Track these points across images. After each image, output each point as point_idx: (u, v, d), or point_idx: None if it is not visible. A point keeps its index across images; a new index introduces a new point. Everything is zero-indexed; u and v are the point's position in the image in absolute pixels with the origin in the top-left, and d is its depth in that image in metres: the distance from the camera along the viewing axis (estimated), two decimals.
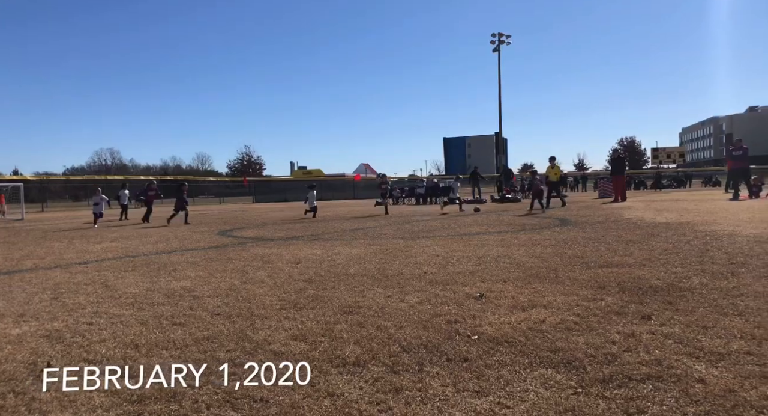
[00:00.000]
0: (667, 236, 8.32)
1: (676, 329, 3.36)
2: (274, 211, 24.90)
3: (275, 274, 6.07)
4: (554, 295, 4.46)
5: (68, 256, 8.48)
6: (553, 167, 20.18)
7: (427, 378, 2.71)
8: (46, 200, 42.63)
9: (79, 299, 4.89)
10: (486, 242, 8.43)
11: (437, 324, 3.68)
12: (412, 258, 6.97)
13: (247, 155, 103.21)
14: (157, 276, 6.12)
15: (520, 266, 6.03)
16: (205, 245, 9.72)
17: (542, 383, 2.59)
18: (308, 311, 4.24)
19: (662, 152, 77.38)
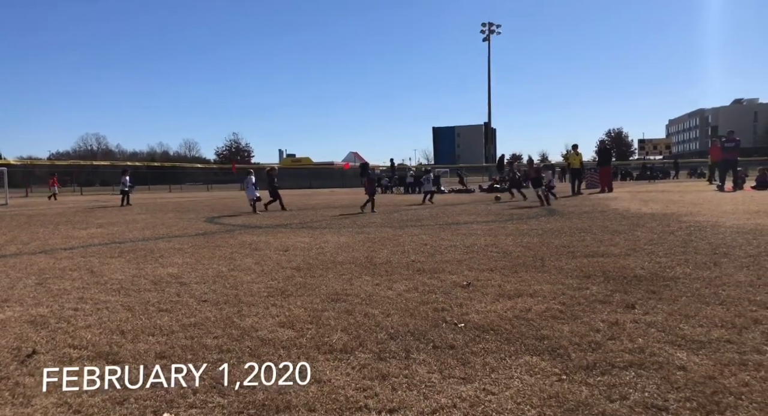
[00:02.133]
0: (652, 226, 8.42)
1: (659, 317, 3.42)
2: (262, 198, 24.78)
3: (263, 261, 6.06)
4: (540, 284, 4.50)
5: (53, 241, 8.39)
6: (577, 155, 20.76)
7: (413, 364, 2.74)
8: (31, 185, 42.06)
9: (65, 285, 4.85)
10: (474, 232, 8.47)
11: (424, 312, 3.71)
12: (400, 247, 6.99)
13: (235, 142, 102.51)
14: (144, 263, 6.08)
15: (507, 255, 6.07)
16: (193, 232, 9.66)
17: (527, 370, 2.62)
18: (296, 298, 4.24)
19: (649, 144, 78.08)
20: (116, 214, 15.06)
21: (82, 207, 19.53)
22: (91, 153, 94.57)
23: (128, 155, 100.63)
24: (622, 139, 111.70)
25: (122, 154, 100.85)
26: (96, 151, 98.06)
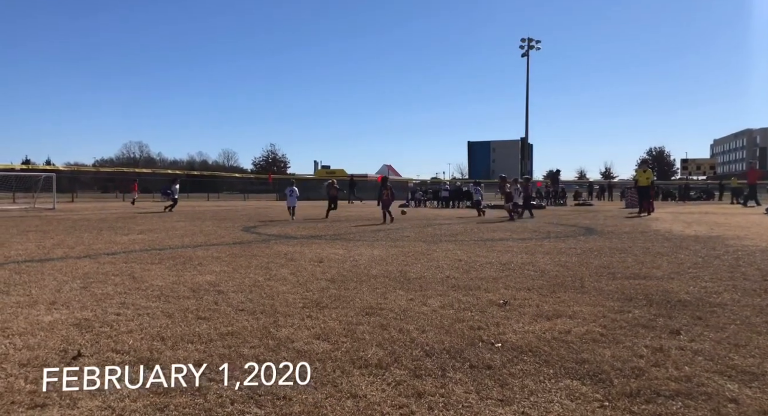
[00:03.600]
0: (697, 249, 8.14)
1: (706, 345, 3.29)
2: (298, 209, 25.08)
3: (298, 272, 6.11)
4: (580, 305, 4.39)
5: (97, 246, 8.66)
6: (644, 172, 20.11)
7: (450, 383, 2.70)
8: (76, 191, 43.67)
9: (107, 290, 4.99)
10: (510, 249, 8.36)
11: (460, 330, 3.66)
12: (434, 262, 6.95)
13: (272, 153, 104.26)
14: (183, 270, 6.21)
15: (544, 274, 5.96)
16: (230, 240, 9.83)
17: (567, 394, 2.55)
18: (330, 310, 4.25)
19: (692, 163, 75.82)
20: (156, 221, 15.47)
21: (124, 213, 20.14)
22: (133, 161, 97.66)
23: (169, 163, 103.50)
24: (664, 158, 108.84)
25: (163, 162, 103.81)
26: (138, 158, 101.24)
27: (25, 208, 23.89)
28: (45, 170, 33.08)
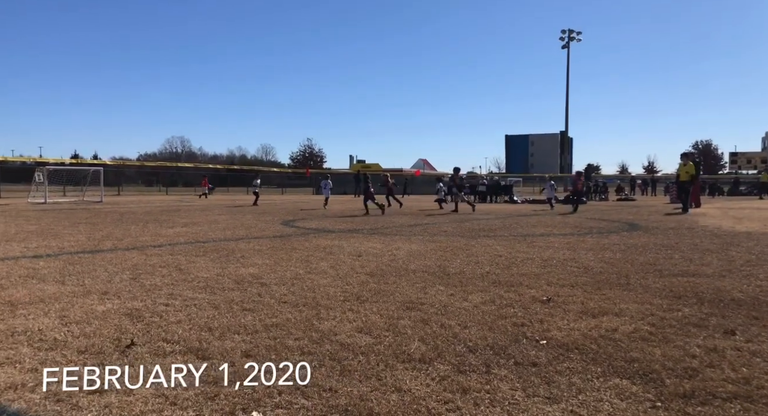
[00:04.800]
0: (749, 246, 7.82)
1: (764, 346, 3.15)
2: (335, 203, 25.28)
3: (337, 266, 6.16)
4: (626, 303, 4.28)
5: (143, 239, 8.94)
6: (684, 165, 17.88)
7: (495, 380, 2.67)
8: (122, 184, 45.19)
9: (155, 281, 5.15)
10: (551, 245, 8.21)
11: (503, 326, 3.62)
12: (473, 257, 6.89)
13: (309, 148, 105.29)
14: (227, 262, 6.35)
15: (588, 270, 5.83)
16: (270, 234, 9.99)
17: (617, 393, 2.49)
18: (371, 304, 4.27)
19: (742, 157, 72.75)
20: (199, 214, 15.86)
21: (168, 207, 20.73)
22: (175, 155, 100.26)
23: (209, 157, 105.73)
24: (711, 151, 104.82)
25: (204, 156, 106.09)
26: (180, 153, 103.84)
27: (74, 201, 24.88)
28: (93, 165, 34.38)
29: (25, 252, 7.13)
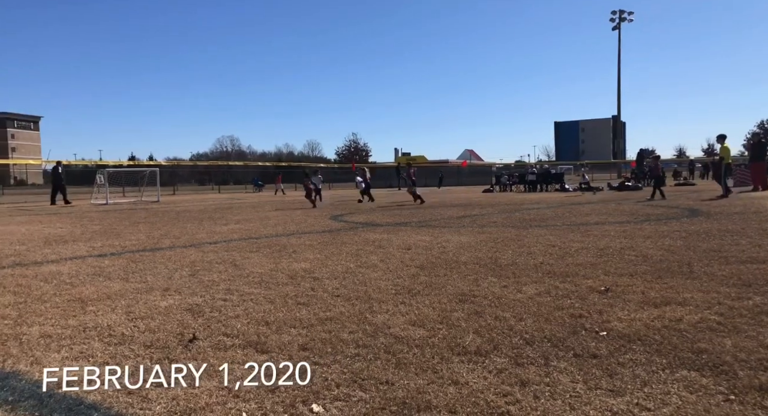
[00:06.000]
0: None
1: None
2: (380, 197, 25.36)
3: (387, 259, 6.17)
4: (690, 292, 4.10)
5: (200, 236, 9.24)
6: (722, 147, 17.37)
7: (554, 372, 2.61)
8: (176, 184, 46.85)
9: (213, 277, 5.31)
10: (606, 233, 7.96)
11: (560, 318, 3.54)
12: (525, 248, 6.76)
13: (354, 142, 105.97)
14: (280, 258, 6.48)
15: (647, 259, 5.62)
16: (320, 229, 10.13)
17: (685, 386, 2.39)
18: (423, 297, 4.26)
19: None
20: (250, 211, 16.26)
21: (220, 204, 21.33)
22: (225, 154, 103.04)
23: (258, 155, 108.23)
24: None
25: (252, 154, 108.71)
26: (230, 152, 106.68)
27: (133, 201, 25.97)
28: (149, 165, 35.79)
29: (91, 251, 7.50)
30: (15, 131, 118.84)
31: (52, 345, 3.23)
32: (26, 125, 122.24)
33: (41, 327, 3.63)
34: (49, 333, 3.46)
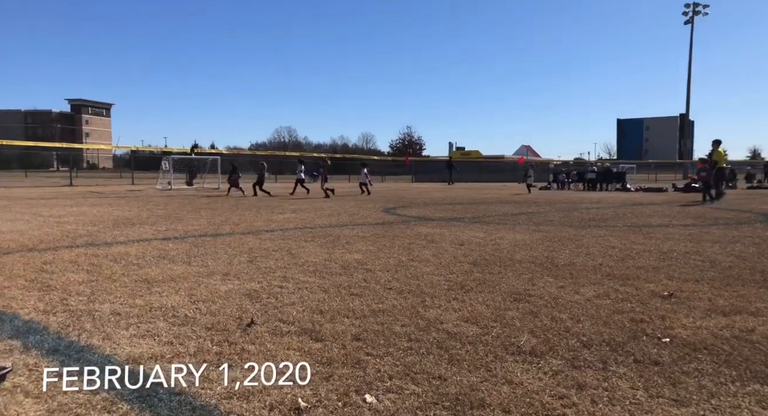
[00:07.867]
0: None
1: None
2: (434, 191, 25.25)
3: (440, 254, 6.15)
4: (764, 301, 3.87)
5: (257, 224, 9.51)
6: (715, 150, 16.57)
7: (613, 377, 2.54)
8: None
9: (270, 264, 5.45)
10: (670, 236, 7.62)
11: (620, 322, 3.42)
12: (583, 248, 6.57)
13: (408, 136, 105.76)
14: (333, 248, 6.58)
15: (715, 265, 5.34)
16: (372, 221, 10.20)
17: (758, 400, 2.27)
18: (476, 294, 4.22)
19: None
20: (305, 201, 16.56)
21: (277, 193, 21.82)
22: (282, 144, 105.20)
23: (313, 146, 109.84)
24: None
25: (308, 145, 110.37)
26: (287, 142, 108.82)
27: (196, 188, 26.99)
28: (211, 154, 37.02)
29: (156, 235, 7.85)
30: (89, 117, 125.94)
31: (121, 322, 3.42)
32: (99, 112, 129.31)
33: (111, 304, 3.84)
34: (119, 311, 3.66)
